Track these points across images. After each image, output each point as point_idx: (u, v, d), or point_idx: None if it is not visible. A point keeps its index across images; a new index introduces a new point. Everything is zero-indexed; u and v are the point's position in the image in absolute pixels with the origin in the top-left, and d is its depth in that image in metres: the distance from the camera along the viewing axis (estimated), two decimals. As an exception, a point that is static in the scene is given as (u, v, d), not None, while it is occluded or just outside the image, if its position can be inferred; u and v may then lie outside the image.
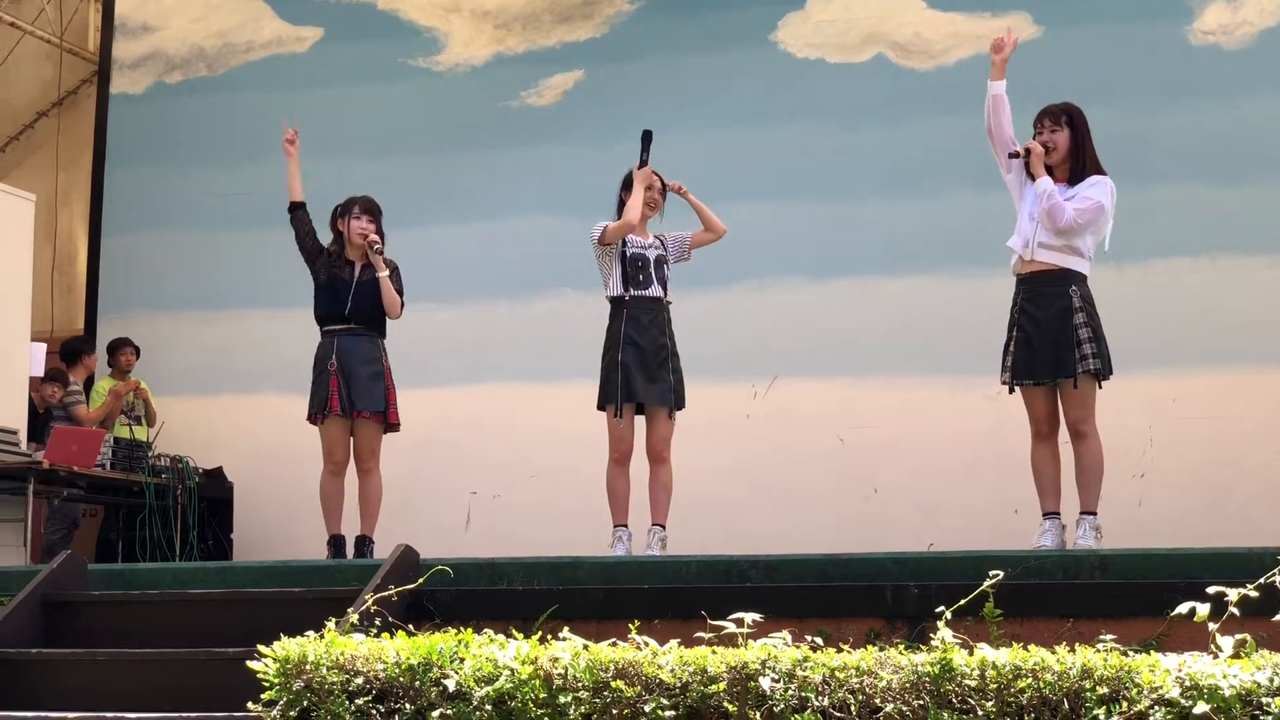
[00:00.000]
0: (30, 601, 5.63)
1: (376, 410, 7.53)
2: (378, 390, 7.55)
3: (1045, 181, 6.49)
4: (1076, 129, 6.61)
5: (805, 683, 3.75)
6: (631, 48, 10.84)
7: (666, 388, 7.09)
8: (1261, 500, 8.91)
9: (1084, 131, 6.63)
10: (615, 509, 7.15)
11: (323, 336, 7.62)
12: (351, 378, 7.47)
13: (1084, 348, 6.34)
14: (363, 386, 7.49)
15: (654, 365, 7.09)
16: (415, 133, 11.08)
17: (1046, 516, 6.45)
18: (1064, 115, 6.65)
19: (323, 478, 7.55)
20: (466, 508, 10.32)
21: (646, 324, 7.13)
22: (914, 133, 10.10)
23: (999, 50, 6.72)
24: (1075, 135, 6.60)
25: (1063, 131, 6.61)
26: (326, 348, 7.56)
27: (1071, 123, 6.62)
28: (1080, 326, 6.36)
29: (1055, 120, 6.64)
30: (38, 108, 12.90)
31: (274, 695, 4.06)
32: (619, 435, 7.12)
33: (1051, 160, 6.59)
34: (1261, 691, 3.47)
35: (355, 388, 7.47)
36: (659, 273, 7.21)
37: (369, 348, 7.58)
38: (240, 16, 11.71)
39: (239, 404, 10.93)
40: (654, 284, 7.18)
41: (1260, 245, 9.47)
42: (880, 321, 9.91)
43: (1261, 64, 9.71)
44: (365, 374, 7.52)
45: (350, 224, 7.67)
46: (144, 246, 11.48)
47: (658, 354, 7.11)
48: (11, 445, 9.15)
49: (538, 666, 3.91)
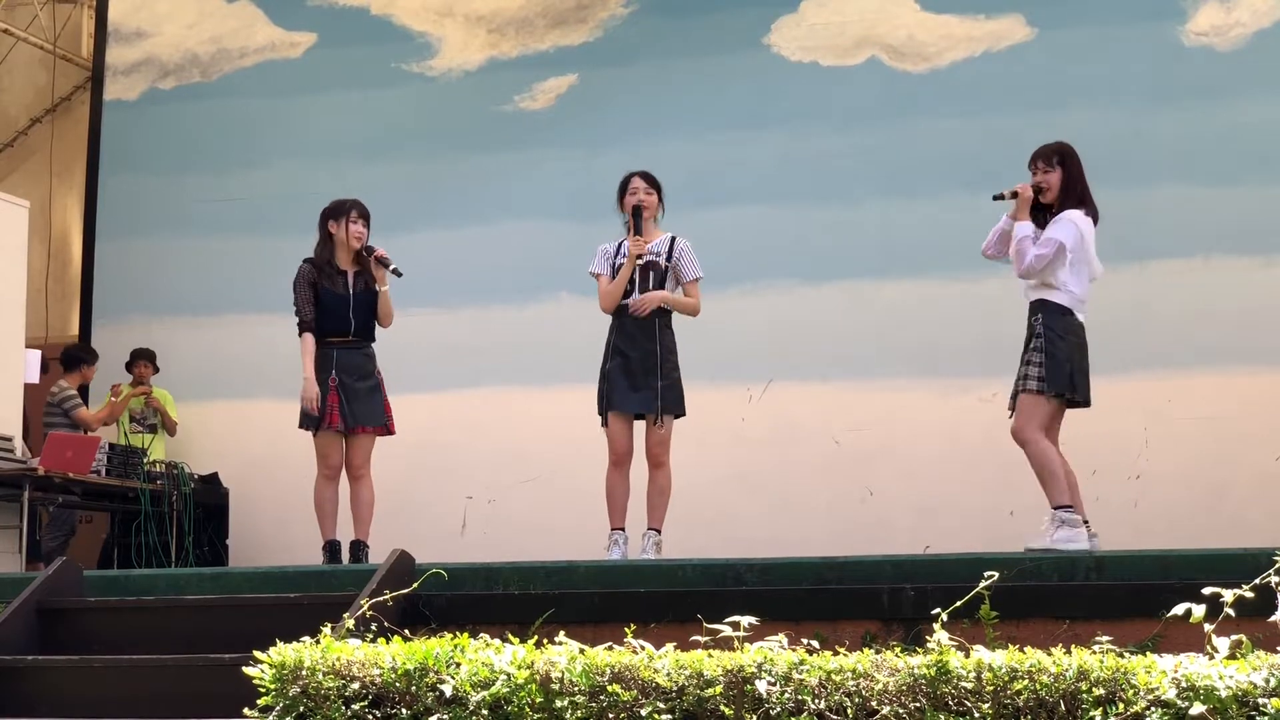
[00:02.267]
0: (26, 608, 5.63)
1: (377, 425, 7.57)
2: (377, 404, 7.58)
3: (1021, 227, 6.74)
4: (1068, 168, 6.78)
5: (802, 686, 3.75)
6: (625, 51, 10.84)
7: (652, 395, 7.09)
8: (1257, 501, 8.92)
9: (1075, 169, 6.79)
10: (611, 512, 7.18)
11: (320, 347, 7.55)
12: (351, 393, 7.48)
13: (1029, 369, 6.60)
14: (363, 403, 7.51)
15: (640, 374, 7.10)
16: (409, 137, 11.09)
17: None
18: (1055, 155, 6.81)
19: (317, 484, 7.55)
20: (462, 512, 10.32)
21: (634, 332, 7.16)
22: (907, 135, 10.11)
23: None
24: (1066, 174, 6.77)
25: (1055, 172, 6.79)
26: (326, 360, 7.52)
27: (1063, 162, 6.79)
28: (1034, 351, 6.61)
29: (1048, 161, 6.81)
30: (32, 114, 12.91)
31: (270, 701, 4.05)
32: (612, 440, 7.18)
33: (1046, 200, 6.78)
34: (1258, 692, 3.48)
35: (355, 404, 7.49)
36: (650, 282, 7.19)
37: (365, 361, 7.59)
38: (233, 22, 11.71)
39: (234, 410, 10.92)
40: (637, 294, 7.18)
41: (1254, 246, 9.48)
42: (875, 324, 9.91)
43: (1254, 65, 9.72)
44: (364, 389, 7.53)
45: (347, 228, 7.62)
46: (138, 252, 11.48)
47: (644, 362, 7.11)
48: (7, 452, 9.14)
49: (534, 671, 3.91)
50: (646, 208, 7.29)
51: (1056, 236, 6.61)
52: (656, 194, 7.34)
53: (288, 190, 11.11)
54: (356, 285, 7.61)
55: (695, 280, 7.27)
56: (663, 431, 7.11)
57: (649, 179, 7.34)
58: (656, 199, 7.34)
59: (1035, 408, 6.59)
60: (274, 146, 11.36)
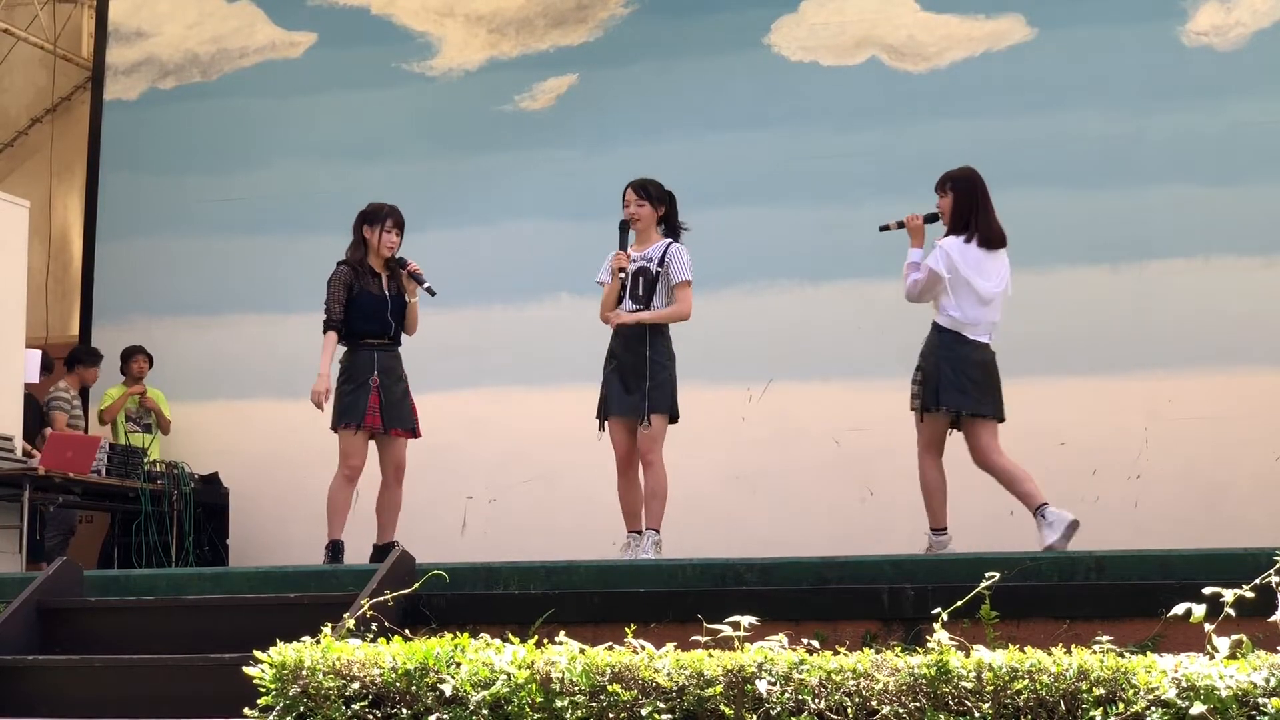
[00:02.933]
0: (26, 608, 5.63)
1: (409, 428, 7.63)
2: (407, 407, 7.65)
3: (911, 254, 7.13)
4: (956, 194, 7.02)
5: (802, 685, 3.75)
6: (625, 51, 10.84)
7: (640, 397, 7.11)
8: (1257, 501, 8.92)
9: (962, 195, 7.01)
10: (623, 516, 7.22)
11: (360, 348, 7.57)
12: (388, 395, 7.53)
13: (914, 387, 7.01)
14: (397, 405, 7.56)
15: (633, 378, 7.13)
16: (409, 137, 11.08)
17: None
18: (945, 183, 7.09)
19: (335, 482, 7.53)
20: (463, 512, 10.32)
21: (627, 338, 7.18)
22: (908, 135, 10.10)
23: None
24: (955, 201, 7.02)
25: (946, 198, 7.06)
26: (367, 361, 7.54)
27: (954, 189, 7.03)
28: (917, 369, 7.02)
29: (941, 188, 7.10)
30: (32, 114, 12.91)
31: (270, 701, 4.05)
32: (613, 446, 7.23)
33: (947, 223, 7.09)
34: (1258, 692, 3.48)
35: (391, 407, 7.53)
36: (639, 287, 7.20)
37: (399, 365, 7.66)
38: (234, 22, 11.71)
39: (234, 409, 10.92)
40: (628, 299, 7.20)
41: (1254, 246, 9.48)
42: (875, 324, 9.90)
43: (1254, 65, 9.72)
44: (399, 392, 7.60)
45: (380, 237, 7.64)
46: (139, 252, 11.48)
47: (636, 366, 7.14)
48: (7, 451, 9.14)
49: (534, 671, 3.91)
50: (638, 219, 7.31)
51: (927, 264, 6.96)
52: (649, 203, 7.31)
53: (288, 190, 11.13)
54: (390, 288, 7.66)
55: (682, 283, 7.24)
56: (649, 431, 7.10)
57: (640, 189, 7.33)
58: (650, 208, 7.31)
59: (919, 426, 6.99)
60: (274, 146, 11.35)
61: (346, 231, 7.79)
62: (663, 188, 7.38)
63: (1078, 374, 9.45)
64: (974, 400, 6.88)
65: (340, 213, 11.42)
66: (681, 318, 7.29)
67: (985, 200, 7.01)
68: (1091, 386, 9.46)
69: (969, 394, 6.87)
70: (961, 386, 6.87)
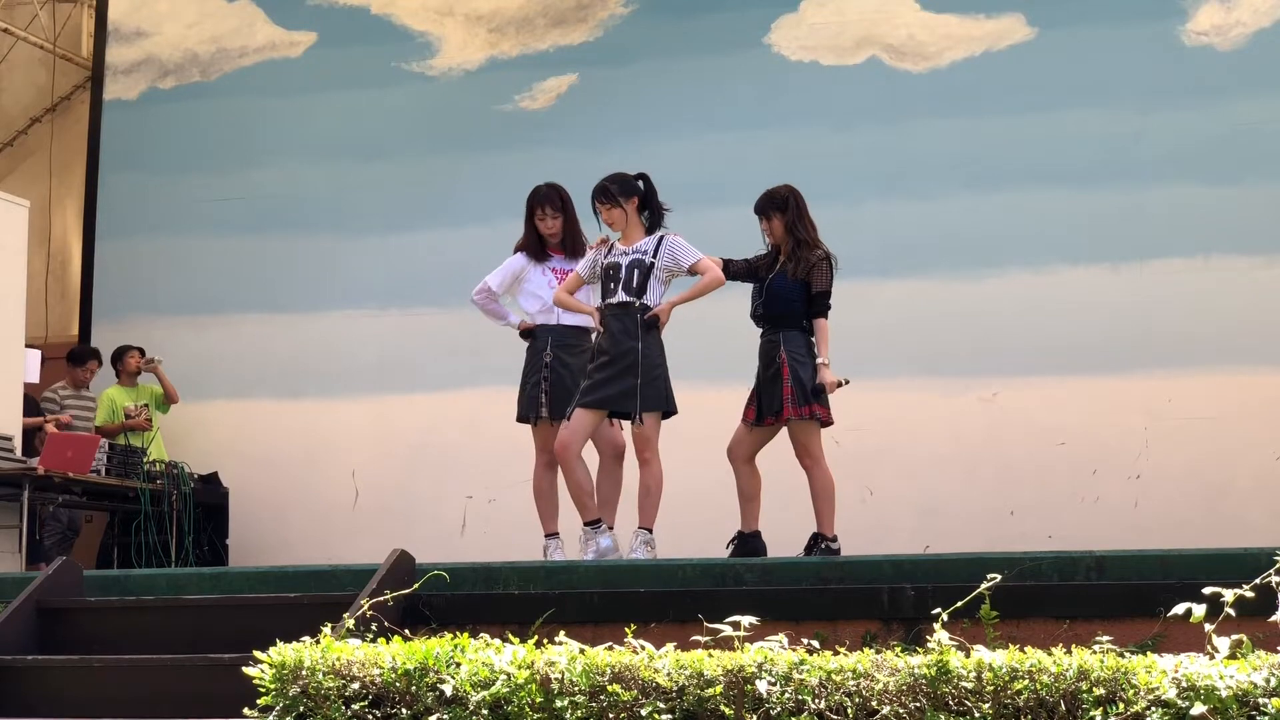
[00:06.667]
0: (25, 608, 5.62)
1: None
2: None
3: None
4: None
5: (802, 685, 3.75)
6: (625, 51, 10.84)
7: (629, 394, 7.02)
8: (1257, 500, 8.92)
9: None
10: (592, 508, 7.16)
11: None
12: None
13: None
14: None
15: (620, 373, 7.02)
16: (409, 137, 11.08)
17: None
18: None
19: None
20: (462, 512, 10.31)
21: (615, 331, 7.09)
22: (908, 135, 10.11)
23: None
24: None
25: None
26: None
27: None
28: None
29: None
30: (31, 113, 12.89)
31: (270, 701, 4.05)
32: (569, 433, 7.12)
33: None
34: (1258, 692, 3.47)
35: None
36: (634, 278, 7.14)
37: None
38: (234, 22, 11.71)
39: (234, 409, 10.91)
40: (620, 290, 7.12)
41: (1255, 245, 9.48)
42: (875, 324, 9.89)
43: (1255, 65, 9.72)
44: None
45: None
46: (138, 252, 11.48)
47: (624, 358, 7.04)
48: (7, 451, 9.13)
49: (534, 671, 3.91)
50: (613, 223, 7.28)
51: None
52: (616, 203, 7.22)
53: (288, 190, 11.12)
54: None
55: (697, 261, 7.18)
56: (642, 429, 7.06)
57: (602, 195, 7.23)
58: (620, 208, 7.23)
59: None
60: (274, 146, 11.35)
61: (346, 231, 7.79)
62: (627, 178, 7.27)
63: (1078, 374, 9.44)
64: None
65: (340, 212, 11.46)
66: (719, 283, 7.18)
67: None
68: (1091, 386, 9.46)
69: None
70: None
